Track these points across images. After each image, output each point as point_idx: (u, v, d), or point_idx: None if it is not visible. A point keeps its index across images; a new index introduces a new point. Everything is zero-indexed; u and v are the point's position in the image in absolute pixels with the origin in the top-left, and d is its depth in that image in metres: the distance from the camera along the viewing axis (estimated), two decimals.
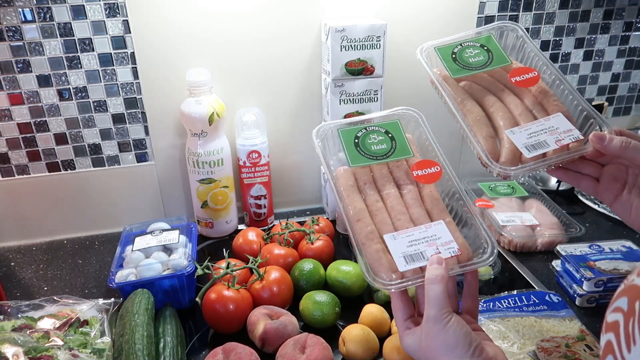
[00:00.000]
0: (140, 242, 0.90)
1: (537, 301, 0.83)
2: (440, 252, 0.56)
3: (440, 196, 0.63)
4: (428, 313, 0.52)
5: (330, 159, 0.67)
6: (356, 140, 0.67)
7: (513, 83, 0.71)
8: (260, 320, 0.77)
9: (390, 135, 0.67)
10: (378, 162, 0.65)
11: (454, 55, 0.75)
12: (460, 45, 0.76)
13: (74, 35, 0.97)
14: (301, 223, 1.04)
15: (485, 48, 0.75)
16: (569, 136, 0.65)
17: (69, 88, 1.01)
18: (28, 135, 1.03)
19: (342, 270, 0.88)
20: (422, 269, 0.55)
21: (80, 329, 0.74)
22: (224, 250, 0.91)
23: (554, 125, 0.67)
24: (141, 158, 1.10)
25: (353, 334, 0.74)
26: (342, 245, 1.07)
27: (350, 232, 0.59)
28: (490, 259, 0.57)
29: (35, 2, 0.93)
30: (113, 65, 1.01)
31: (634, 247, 0.91)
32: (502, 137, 0.67)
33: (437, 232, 0.58)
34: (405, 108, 0.71)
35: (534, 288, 0.90)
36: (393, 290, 0.55)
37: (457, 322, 0.51)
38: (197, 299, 0.82)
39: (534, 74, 0.71)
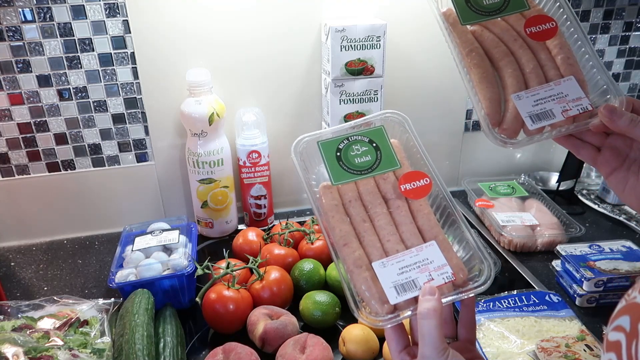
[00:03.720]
0: (140, 242, 0.90)
1: (537, 301, 0.83)
2: (433, 279, 0.52)
3: (432, 209, 0.58)
4: (422, 352, 0.48)
5: (311, 177, 0.61)
6: (338, 154, 0.61)
7: (527, 34, 0.64)
8: (260, 320, 0.77)
9: (374, 144, 0.61)
10: (363, 177, 0.59)
11: None
12: None
13: (74, 35, 0.97)
14: (301, 223, 1.04)
15: None
16: (577, 106, 0.60)
17: (69, 88, 1.01)
18: (28, 135, 1.03)
19: None
20: (416, 299, 0.51)
21: (80, 329, 0.74)
22: (224, 250, 0.91)
23: (564, 91, 0.61)
24: (141, 158, 1.10)
25: (353, 334, 0.74)
26: None
27: (335, 257, 0.55)
28: (488, 282, 0.52)
29: (35, 2, 0.93)
30: (113, 65, 1.01)
31: (634, 247, 0.91)
32: (507, 98, 0.62)
33: (429, 255, 0.54)
34: (389, 112, 0.65)
35: (534, 288, 0.90)
36: (381, 325, 0.50)
37: (454, 358, 0.48)
38: (197, 299, 0.82)
39: (552, 24, 0.63)
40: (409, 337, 0.54)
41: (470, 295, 0.52)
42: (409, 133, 0.62)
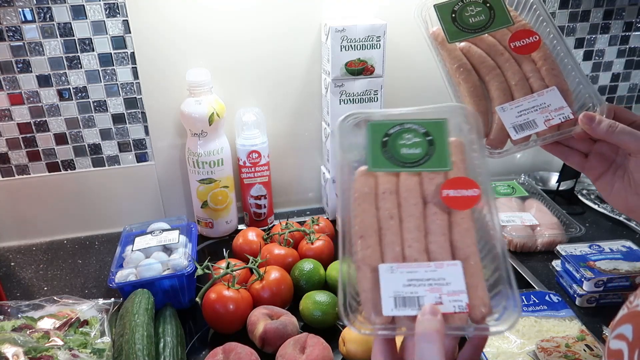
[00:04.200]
0: (140, 242, 0.90)
1: (537, 301, 0.83)
2: (442, 303, 0.45)
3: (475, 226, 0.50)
4: None
5: (347, 157, 0.54)
6: (385, 139, 0.54)
7: (512, 49, 0.67)
8: (260, 320, 0.77)
9: (429, 138, 0.54)
10: (405, 170, 0.53)
11: (453, 15, 0.69)
12: (462, 1, 0.70)
13: (74, 35, 0.97)
14: (301, 223, 1.04)
15: (488, 5, 0.69)
16: (559, 115, 0.63)
17: (69, 88, 1.01)
18: (28, 135, 1.03)
19: None
20: (411, 319, 0.45)
21: (80, 329, 0.74)
22: (224, 250, 0.91)
23: (546, 101, 0.64)
24: (141, 158, 1.10)
25: (353, 334, 0.74)
26: None
27: (342, 244, 0.49)
28: (510, 328, 0.44)
29: (35, 2, 0.93)
30: (113, 65, 1.01)
31: (634, 247, 0.91)
32: (493, 110, 0.65)
33: (448, 276, 0.46)
34: (458, 106, 0.59)
35: (534, 288, 0.90)
36: (368, 334, 0.45)
37: None
38: (197, 299, 0.82)
39: (535, 37, 0.66)
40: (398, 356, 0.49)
41: (483, 334, 0.46)
42: (476, 135, 0.55)
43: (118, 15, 0.97)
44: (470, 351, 0.49)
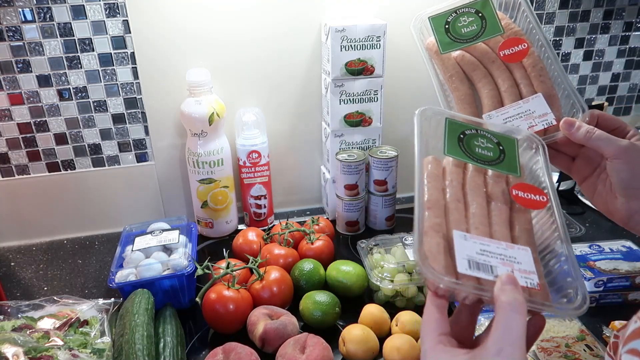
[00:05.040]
0: (140, 242, 0.90)
1: None
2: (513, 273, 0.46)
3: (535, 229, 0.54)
4: (502, 347, 0.41)
5: (425, 145, 0.57)
6: (461, 136, 0.58)
7: (501, 57, 0.69)
8: (260, 320, 0.77)
9: (501, 147, 0.59)
10: (476, 164, 0.56)
11: (447, 26, 0.72)
12: (455, 12, 0.73)
13: (74, 35, 0.97)
14: (301, 223, 1.04)
15: (480, 15, 0.72)
16: (542, 121, 0.66)
17: (69, 88, 1.01)
18: (28, 135, 1.03)
19: (342, 270, 0.88)
20: (482, 282, 0.46)
21: (80, 329, 0.74)
22: (224, 250, 0.91)
23: (531, 108, 0.66)
24: (141, 158, 1.10)
25: (353, 334, 0.74)
26: (342, 245, 1.07)
27: (415, 219, 0.50)
28: (582, 308, 0.46)
29: (35, 2, 0.93)
30: (113, 65, 1.01)
31: (634, 247, 0.91)
32: (482, 118, 0.67)
33: (519, 257, 0.48)
34: (530, 134, 0.63)
35: None
36: (442, 286, 0.45)
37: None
38: (197, 299, 0.82)
39: (524, 45, 0.69)
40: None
41: (553, 311, 0.46)
42: (540, 157, 0.61)
43: (118, 15, 0.97)
44: (529, 335, 0.46)
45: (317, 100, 1.12)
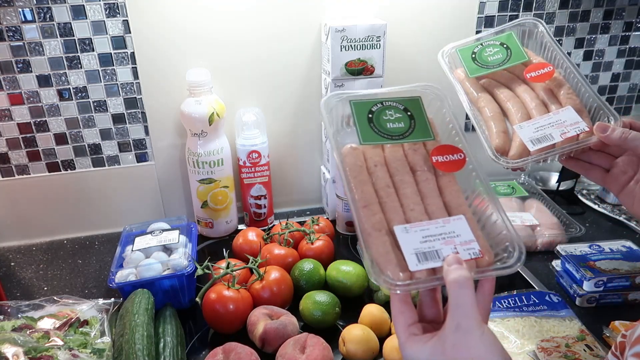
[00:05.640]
0: (140, 242, 0.90)
1: (537, 301, 0.83)
2: (458, 253, 0.49)
3: (462, 188, 0.56)
4: (458, 322, 0.45)
5: (337, 135, 0.59)
6: (370, 115, 0.59)
7: (528, 79, 0.73)
8: (260, 320, 0.77)
9: (409, 113, 0.60)
10: (393, 142, 0.58)
11: (473, 55, 0.78)
12: (481, 44, 0.79)
13: (74, 35, 0.97)
14: (301, 223, 1.04)
15: (505, 46, 0.77)
16: (575, 128, 0.67)
17: (69, 88, 1.01)
18: (28, 135, 1.03)
19: (342, 270, 0.88)
20: (436, 271, 0.49)
21: (80, 329, 0.74)
22: (224, 250, 0.91)
23: (562, 118, 0.69)
24: (141, 158, 1.10)
25: (353, 334, 0.74)
26: (342, 245, 1.07)
27: (355, 219, 0.52)
28: (517, 264, 0.49)
29: (35, 2, 0.93)
30: (113, 65, 1.01)
31: (634, 247, 0.91)
32: (514, 130, 0.70)
33: (457, 229, 0.51)
34: (428, 85, 0.63)
35: (534, 288, 0.90)
36: (399, 292, 0.48)
37: (491, 334, 0.45)
38: (197, 299, 0.82)
39: (549, 68, 0.73)
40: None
41: (498, 274, 0.50)
42: (447, 109, 0.62)
43: (118, 15, 0.97)
44: (482, 297, 0.50)
45: (317, 100, 1.12)
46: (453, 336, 0.45)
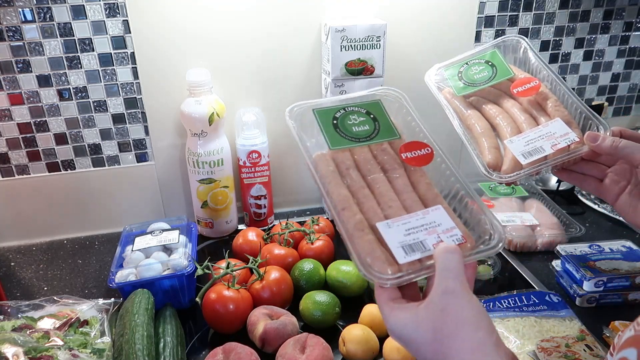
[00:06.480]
0: (140, 242, 0.90)
1: (537, 301, 0.83)
2: (442, 241, 0.51)
3: (433, 181, 0.58)
4: (446, 285, 0.45)
5: (307, 142, 0.60)
6: (335, 122, 0.61)
7: (515, 94, 0.75)
8: (260, 320, 0.77)
9: (372, 116, 0.62)
10: (361, 145, 0.60)
11: (460, 74, 0.80)
12: (466, 64, 0.82)
13: (74, 35, 0.97)
14: (301, 223, 1.04)
15: (490, 63, 0.79)
16: (565, 139, 0.68)
17: (69, 88, 1.01)
18: (28, 135, 1.03)
19: (342, 270, 0.88)
20: (422, 261, 0.50)
21: (80, 329, 0.74)
22: (224, 250, 0.92)
23: (552, 130, 0.70)
24: (141, 158, 1.10)
25: (353, 334, 0.74)
26: (342, 245, 1.07)
27: (337, 222, 0.53)
28: (500, 245, 0.51)
29: (35, 2, 0.93)
30: (113, 65, 1.01)
31: (634, 247, 0.91)
32: (504, 145, 0.71)
33: (437, 219, 0.53)
34: (385, 88, 0.66)
35: (534, 288, 0.90)
36: (389, 285, 0.49)
37: (479, 301, 0.46)
38: (197, 299, 0.82)
39: (535, 82, 0.74)
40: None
41: (482, 257, 0.51)
42: (407, 107, 0.64)
43: (118, 15, 0.97)
44: (468, 277, 0.51)
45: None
46: (440, 300, 0.45)
